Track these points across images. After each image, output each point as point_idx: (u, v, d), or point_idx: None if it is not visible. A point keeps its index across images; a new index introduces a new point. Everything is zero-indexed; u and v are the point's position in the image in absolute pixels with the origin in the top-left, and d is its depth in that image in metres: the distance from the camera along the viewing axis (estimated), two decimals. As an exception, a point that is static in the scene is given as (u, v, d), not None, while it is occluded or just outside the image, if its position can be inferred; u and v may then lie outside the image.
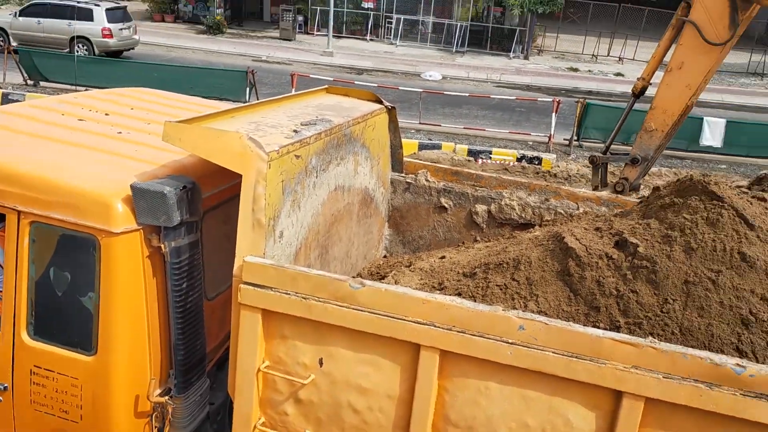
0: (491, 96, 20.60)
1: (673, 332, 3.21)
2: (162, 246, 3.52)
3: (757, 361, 3.04)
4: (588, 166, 15.65)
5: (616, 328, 3.29)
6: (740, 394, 2.72)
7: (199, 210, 3.65)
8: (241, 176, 3.34)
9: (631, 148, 7.39)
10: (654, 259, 3.46)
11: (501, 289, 3.81)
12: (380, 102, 5.38)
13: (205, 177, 3.77)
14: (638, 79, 7.76)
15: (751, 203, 3.71)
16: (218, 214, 4.07)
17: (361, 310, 3.13)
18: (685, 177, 3.93)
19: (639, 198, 5.16)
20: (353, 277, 4.99)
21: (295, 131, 3.97)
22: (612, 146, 8.34)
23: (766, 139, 16.67)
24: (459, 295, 3.93)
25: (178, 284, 3.59)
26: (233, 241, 3.37)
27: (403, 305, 3.09)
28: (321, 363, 3.29)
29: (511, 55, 28.63)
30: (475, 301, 3.77)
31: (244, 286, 3.26)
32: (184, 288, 3.62)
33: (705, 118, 16.94)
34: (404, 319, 3.08)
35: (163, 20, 31.93)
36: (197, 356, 3.82)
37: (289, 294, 3.22)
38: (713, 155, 17.01)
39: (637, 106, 7.83)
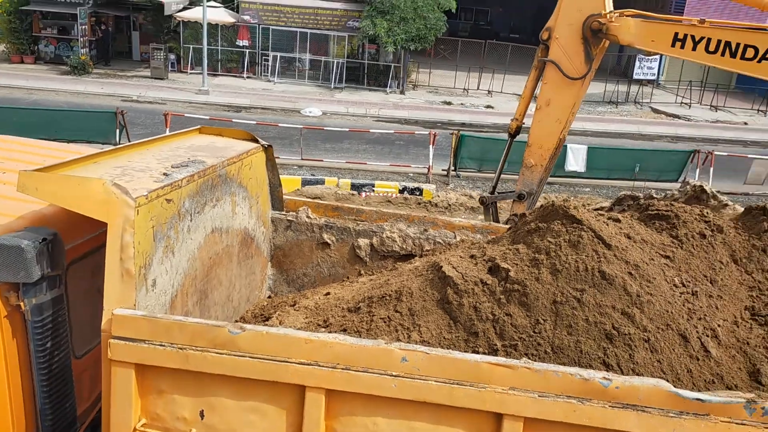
0: (371, 130, 21.00)
1: (545, 351, 3.37)
2: (21, 304, 3.27)
3: (622, 373, 3.24)
4: (466, 195, 16.30)
5: (494, 352, 3.41)
6: (609, 406, 2.88)
7: (62, 263, 3.43)
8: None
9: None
10: (524, 282, 3.63)
11: (385, 322, 3.85)
12: (256, 140, 5.34)
13: (69, 226, 3.56)
14: (512, 120, 8.28)
15: (607, 224, 3.99)
16: (85, 264, 3.84)
17: (243, 356, 3.04)
18: (547, 203, 4.17)
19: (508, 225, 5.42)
20: (236, 321, 4.87)
21: (165, 174, 3.85)
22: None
23: (623, 163, 18.08)
24: (344, 331, 3.93)
25: (41, 344, 3.34)
26: (103, 293, 3.19)
27: (286, 347, 3.04)
28: (202, 415, 3.15)
29: (388, 90, 29.42)
30: (360, 336, 3.78)
31: (114, 341, 3.08)
32: (49, 348, 3.37)
33: (569, 145, 18.16)
34: (288, 361, 3.03)
35: (22, 61, 30.10)
36: (67, 420, 3.55)
37: (164, 346, 3.08)
38: (578, 179, 18.20)
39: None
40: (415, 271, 4.23)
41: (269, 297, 5.61)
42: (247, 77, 29.92)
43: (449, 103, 28.65)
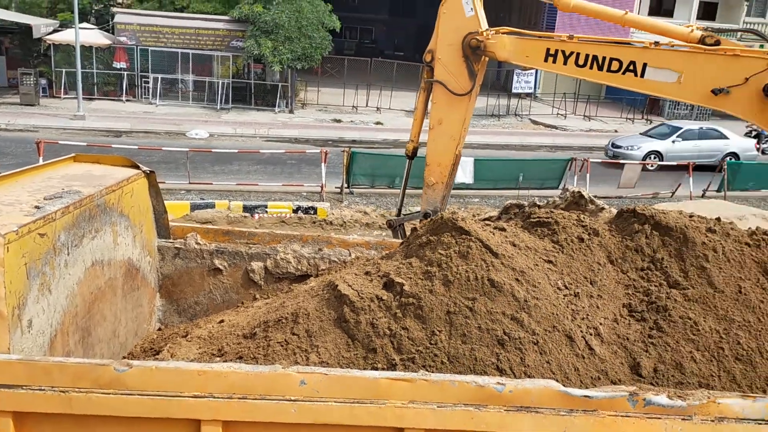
0: (261, 150, 20.73)
1: (442, 361, 3.44)
2: None
3: (515, 377, 3.36)
4: (361, 211, 16.41)
5: (393, 366, 3.43)
6: (504, 410, 2.97)
7: None
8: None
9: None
10: (419, 295, 3.69)
11: (282, 346, 3.79)
12: (137, 167, 5.12)
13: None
14: (408, 141, 8.46)
15: (493, 234, 4.14)
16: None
17: (131, 394, 2.88)
18: (437, 216, 4.27)
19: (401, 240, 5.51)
20: (124, 357, 4.63)
21: (37, 207, 3.61)
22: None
23: (508, 173, 18.88)
24: (240, 359, 3.83)
25: None
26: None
27: (178, 380, 2.91)
28: (89, 461, 2.95)
29: (277, 109, 29.19)
30: (257, 362, 3.70)
31: (-15, 390, 2.83)
32: None
33: (456, 157, 18.73)
34: (180, 396, 2.90)
35: None
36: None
37: (44, 390, 2.87)
38: (467, 191, 18.80)
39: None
40: (311, 292, 4.20)
41: (159, 329, 5.37)
42: (127, 100, 28.72)
43: (339, 121, 28.82)
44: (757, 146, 26.09)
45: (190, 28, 28.97)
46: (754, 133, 26.06)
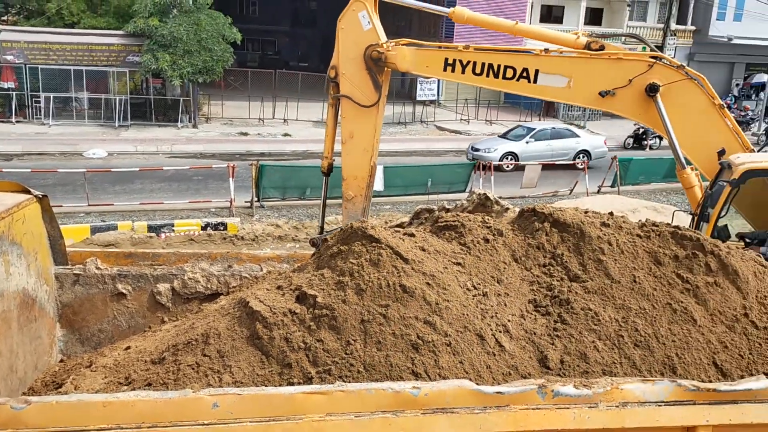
0: (164, 168, 20.07)
1: (359, 370, 3.44)
2: None
3: (430, 379, 3.40)
4: (273, 224, 16.19)
5: (309, 380, 3.40)
6: (421, 413, 3.01)
7: None
8: None
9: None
10: (332, 306, 3.69)
11: (193, 369, 3.68)
12: (28, 191, 4.84)
13: None
14: (323, 158, 8.44)
15: (403, 240, 4.19)
16: None
17: (31, 433, 2.71)
18: (346, 225, 4.28)
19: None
20: (23, 393, 4.35)
21: None
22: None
23: (417, 179, 19.17)
24: (149, 385, 3.69)
25: None
26: None
27: (82, 414, 2.77)
28: None
29: (180, 125, 28.35)
30: (167, 388, 3.57)
31: None
32: None
33: (366, 166, 18.85)
34: (85, 430, 2.76)
35: None
36: None
37: (-71, 438, 2.65)
38: (378, 198, 18.92)
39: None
40: (222, 311, 4.10)
41: (61, 361, 5.09)
42: (17, 122, 27.11)
43: (246, 134, 28.37)
44: (648, 143, 27.80)
45: (82, 44, 27.69)
46: (641, 130, 27.73)
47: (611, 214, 4.58)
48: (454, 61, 7.69)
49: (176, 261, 5.42)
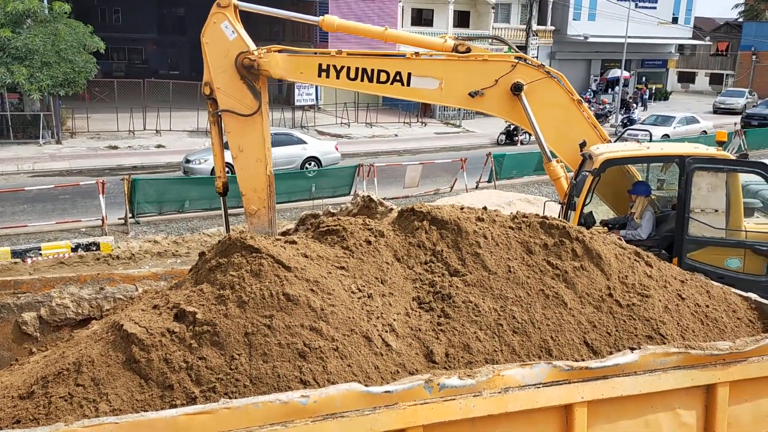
0: (26, 188, 18.68)
1: (245, 385, 3.36)
2: None
3: (320, 386, 3.38)
4: (151, 241, 15.49)
5: (193, 400, 3.28)
6: (311, 421, 2.98)
7: None
8: None
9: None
10: (214, 322, 3.57)
11: (66, 400, 3.45)
12: None
13: None
14: (216, 178, 8.15)
15: (284, 248, 4.14)
16: None
17: None
18: (224, 237, 4.17)
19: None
20: None
21: None
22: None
23: (301, 184, 19.02)
24: (18, 422, 3.42)
25: None
26: None
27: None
28: None
29: (42, 141, 26.50)
30: (38, 423, 3.33)
31: None
32: None
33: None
34: (-59, 482, 2.51)
35: None
36: None
37: None
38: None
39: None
40: (94, 336, 3.87)
41: None
42: None
43: (115, 147, 26.98)
44: (519, 138, 29.26)
45: None
46: (512, 127, 29.13)
47: (485, 208, 4.76)
48: (328, 66, 7.71)
49: (42, 287, 5.05)
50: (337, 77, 7.74)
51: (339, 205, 6.68)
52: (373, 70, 7.74)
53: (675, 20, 49.79)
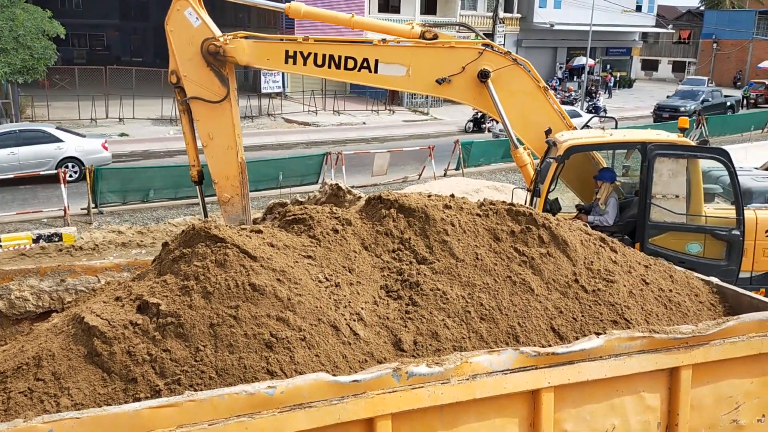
0: (-16, 178, 18.17)
1: (210, 377, 3.31)
2: None
3: (287, 377, 3.35)
4: (115, 231, 15.21)
5: (157, 393, 3.22)
6: (278, 412, 2.95)
7: None
8: None
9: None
10: (178, 313, 3.51)
11: (26, 396, 3.36)
12: None
13: None
14: (191, 167, 8.01)
15: (250, 237, 4.08)
16: None
17: None
18: (188, 227, 4.10)
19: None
20: None
21: None
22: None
23: (268, 173, 18.83)
24: (-26, 420, 3.31)
25: None
26: None
27: None
28: None
29: (0, 130, 25.83)
30: (-4, 420, 3.23)
31: None
32: None
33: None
34: None
35: None
36: None
37: None
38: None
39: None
40: (55, 329, 3.77)
41: None
42: None
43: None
44: (486, 126, 29.38)
45: None
46: (480, 114, 29.26)
47: (452, 196, 4.76)
48: (295, 53, 7.61)
49: (0, 279, 4.91)
50: (304, 64, 7.65)
51: (307, 194, 6.63)
52: (340, 57, 7.67)
53: (639, 8, 50.47)
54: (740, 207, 7.52)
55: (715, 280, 4.93)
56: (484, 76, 7.77)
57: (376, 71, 7.74)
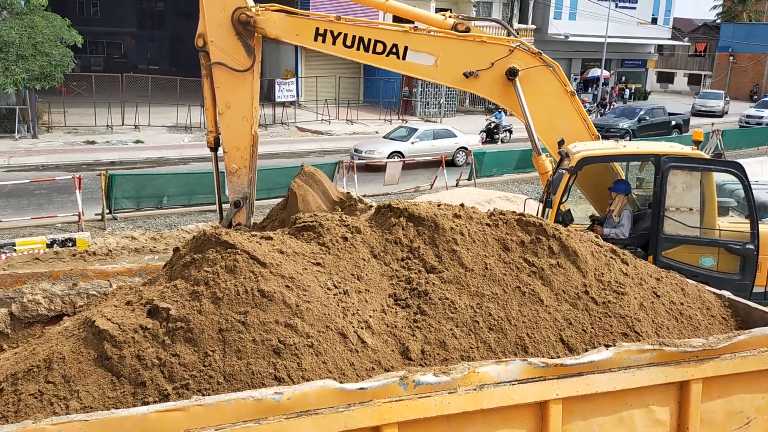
0: (0, 183, 18.39)
1: (218, 382, 3.32)
2: None
3: (294, 383, 3.35)
4: (128, 237, 15.32)
5: (166, 398, 3.24)
6: (284, 418, 2.96)
7: None
8: None
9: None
10: (187, 318, 3.53)
11: (36, 398, 3.39)
12: None
13: None
14: (207, 133, 8.03)
15: (260, 244, 4.10)
16: None
17: None
18: (199, 233, 4.12)
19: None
20: None
21: None
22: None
23: (281, 181, 18.85)
24: (-15, 421, 3.34)
25: None
26: None
27: None
28: None
29: (17, 135, 26.09)
30: (7, 421, 3.27)
31: None
32: None
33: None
34: None
35: None
36: None
37: None
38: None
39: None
40: (65, 333, 3.81)
41: None
42: None
43: (93, 143, 26.63)
44: (499, 136, 29.34)
45: None
46: (492, 124, 29.24)
47: (462, 205, 4.76)
48: (325, 31, 7.62)
49: (13, 283, 4.96)
50: (333, 43, 7.66)
51: (319, 202, 6.66)
52: (370, 40, 7.68)
53: (654, 21, 50.32)
54: (755, 221, 7.45)
55: (727, 293, 4.88)
56: (512, 74, 7.75)
57: (404, 58, 7.72)
